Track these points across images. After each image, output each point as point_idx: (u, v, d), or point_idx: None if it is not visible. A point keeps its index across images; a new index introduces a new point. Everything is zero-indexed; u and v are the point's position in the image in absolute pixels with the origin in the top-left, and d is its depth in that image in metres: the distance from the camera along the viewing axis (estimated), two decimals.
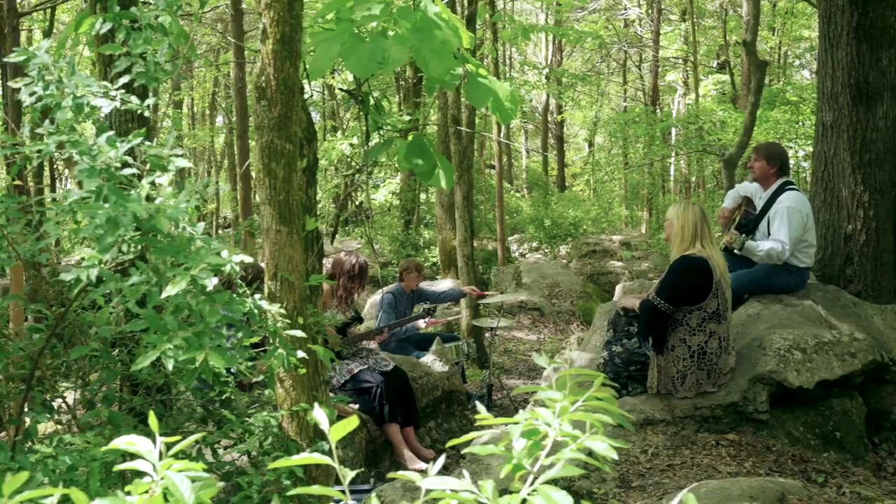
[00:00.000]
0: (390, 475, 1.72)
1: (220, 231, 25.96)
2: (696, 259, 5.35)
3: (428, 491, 1.45)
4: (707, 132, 16.71)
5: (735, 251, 6.31)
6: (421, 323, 8.21)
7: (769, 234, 6.29)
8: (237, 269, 2.15)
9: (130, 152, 2.38)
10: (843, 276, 7.37)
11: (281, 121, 2.46)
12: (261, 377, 2.70)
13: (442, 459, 1.52)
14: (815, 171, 7.94)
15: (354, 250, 6.95)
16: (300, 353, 2.32)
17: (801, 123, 13.69)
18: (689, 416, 5.34)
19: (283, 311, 2.37)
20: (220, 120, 28.19)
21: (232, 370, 2.66)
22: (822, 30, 7.66)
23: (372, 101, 3.39)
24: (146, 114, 2.59)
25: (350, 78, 19.97)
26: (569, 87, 27.85)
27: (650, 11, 24.92)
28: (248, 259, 2.18)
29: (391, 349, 8.17)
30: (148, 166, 2.33)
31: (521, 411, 1.65)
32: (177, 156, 2.23)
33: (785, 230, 6.13)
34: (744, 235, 6.30)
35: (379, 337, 7.16)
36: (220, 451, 2.81)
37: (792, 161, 15.02)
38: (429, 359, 7.59)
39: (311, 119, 3.32)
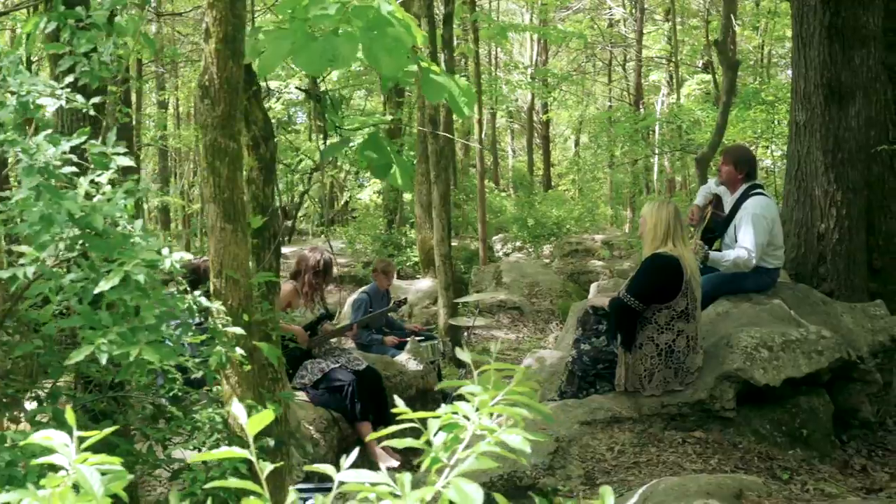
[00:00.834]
0: (306, 468, 1.74)
1: (205, 231, 25.84)
2: (668, 258, 5.38)
3: (341, 483, 1.47)
4: (685, 131, 16.76)
5: (700, 263, 6.30)
6: (388, 339, 8.33)
7: (736, 239, 6.31)
8: (177, 266, 2.17)
9: (82, 151, 2.39)
10: (816, 275, 7.39)
11: (225, 119, 2.47)
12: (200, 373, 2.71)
13: (356, 452, 1.53)
14: (788, 171, 7.98)
15: (318, 246, 6.95)
16: (239, 350, 2.34)
17: (777, 122, 13.73)
18: (656, 414, 5.38)
19: (222, 308, 2.40)
20: None
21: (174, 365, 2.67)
22: (795, 29, 7.70)
23: (329, 101, 3.41)
24: (91, 112, 2.59)
25: (334, 77, 19.97)
26: (554, 88, 27.90)
27: (633, 11, 24.98)
28: (189, 256, 2.20)
29: (372, 350, 8.19)
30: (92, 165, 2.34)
31: (443, 405, 1.67)
32: (120, 154, 2.25)
33: (750, 237, 6.15)
34: (706, 248, 6.30)
35: (349, 333, 7.17)
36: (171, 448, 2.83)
37: (769, 161, 15.08)
38: (403, 358, 7.61)
39: (267, 118, 3.34)
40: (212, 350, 2.28)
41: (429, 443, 1.60)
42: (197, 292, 2.29)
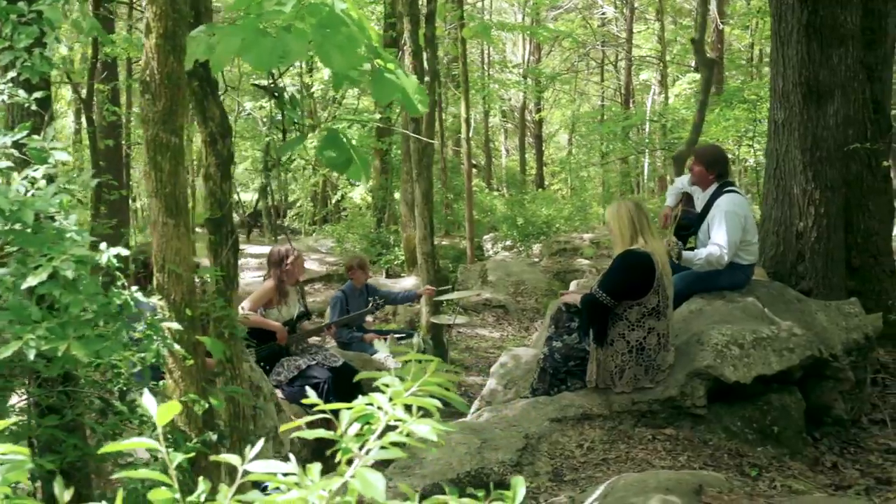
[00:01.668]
0: (213, 458, 1.75)
1: (196, 230, 25.78)
2: (640, 254, 5.39)
3: (246, 473, 1.48)
4: (670, 130, 16.78)
5: (674, 260, 6.31)
6: (368, 336, 8.35)
7: (710, 237, 6.32)
8: (114, 261, 2.18)
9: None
10: (794, 273, 7.40)
11: (166, 114, 2.48)
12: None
13: (261, 442, 1.54)
14: (767, 169, 7.99)
15: (283, 243, 6.99)
16: (176, 346, 2.35)
17: (760, 121, 13.75)
18: (626, 411, 5.39)
19: (161, 302, 2.41)
20: None
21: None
22: (774, 28, 7.71)
23: (286, 97, 3.42)
24: (34, 107, 2.60)
25: (325, 75, 19.97)
26: (546, 87, 27.90)
27: (624, 10, 25.02)
28: (125, 252, 2.20)
29: (352, 347, 8.21)
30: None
31: (367, 395, 1.68)
32: (57, 149, 2.26)
33: (723, 234, 6.15)
34: (680, 244, 6.31)
35: (327, 332, 7.19)
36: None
37: (752, 160, 15.07)
38: (381, 356, 7.61)
39: (224, 114, 3.35)
40: (148, 345, 2.29)
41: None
42: (134, 287, 2.30)
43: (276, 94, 3.47)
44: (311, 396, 1.67)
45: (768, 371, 5.45)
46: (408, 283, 12.65)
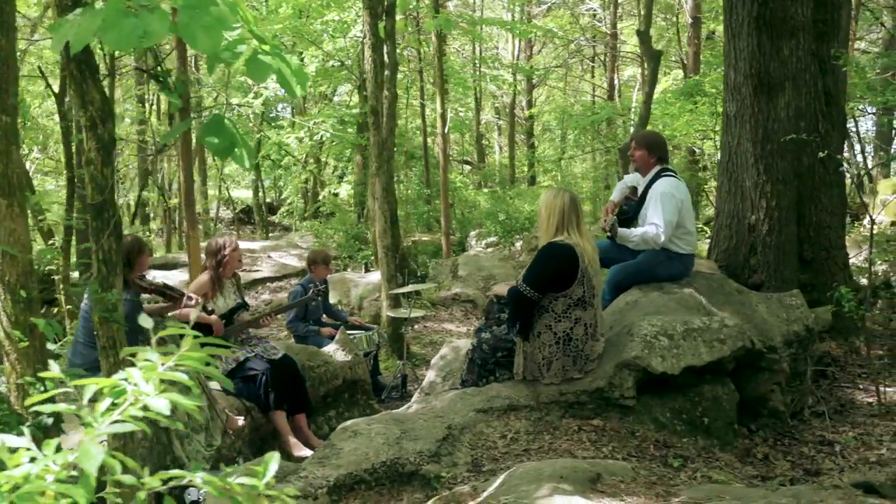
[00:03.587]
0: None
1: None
2: (562, 246, 5.35)
3: None
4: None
5: (608, 236, 6.34)
6: (324, 330, 8.37)
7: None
8: None
9: None
10: (747, 267, 7.39)
11: None
12: None
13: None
14: (720, 162, 7.98)
15: (224, 235, 6.99)
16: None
17: (721, 115, 13.70)
18: (554, 402, 5.35)
19: None
20: None
21: None
22: (726, 21, 7.70)
23: (168, 81, 3.39)
24: None
25: (312, 70, 19.93)
26: (536, 85, 27.86)
27: (610, 7, 24.98)
28: None
29: (308, 341, 8.17)
30: None
31: (125, 370, 1.66)
32: None
33: (659, 214, 6.15)
34: (615, 219, 6.31)
35: (265, 322, 7.14)
36: None
37: (717, 154, 14.98)
38: (331, 348, 7.58)
39: (105, 98, 3.32)
40: None
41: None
42: None
43: (159, 78, 3.45)
44: (54, 369, 1.64)
45: (698, 362, 5.41)
46: (375, 277, 12.64)
